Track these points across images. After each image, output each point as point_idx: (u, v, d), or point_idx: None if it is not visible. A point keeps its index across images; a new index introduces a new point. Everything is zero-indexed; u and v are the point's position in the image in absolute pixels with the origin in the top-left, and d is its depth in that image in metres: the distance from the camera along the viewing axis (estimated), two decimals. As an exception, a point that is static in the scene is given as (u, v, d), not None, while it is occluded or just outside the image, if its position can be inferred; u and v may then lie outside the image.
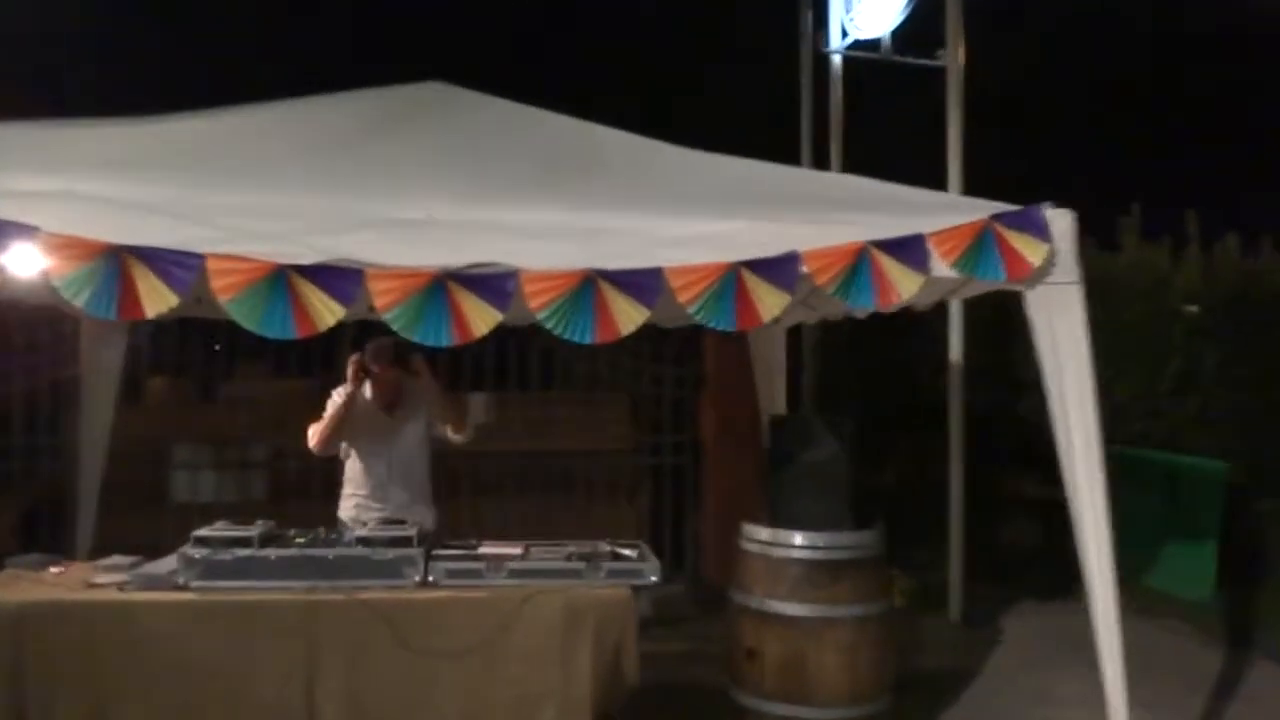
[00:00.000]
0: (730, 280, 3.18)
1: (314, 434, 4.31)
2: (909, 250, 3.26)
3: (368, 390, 4.40)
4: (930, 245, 3.29)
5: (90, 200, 2.94)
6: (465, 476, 6.31)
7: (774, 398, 6.28)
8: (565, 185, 3.51)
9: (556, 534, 6.89)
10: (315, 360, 6.35)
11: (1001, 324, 7.32)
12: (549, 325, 3.12)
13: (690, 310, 3.18)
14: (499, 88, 4.32)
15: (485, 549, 3.98)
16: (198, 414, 7.21)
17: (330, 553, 3.74)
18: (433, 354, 4.40)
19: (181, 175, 3.15)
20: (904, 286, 3.24)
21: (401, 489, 4.43)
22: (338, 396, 4.31)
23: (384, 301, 3.01)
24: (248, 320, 2.94)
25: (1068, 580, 8.02)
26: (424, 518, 4.38)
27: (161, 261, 2.89)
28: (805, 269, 3.24)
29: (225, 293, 2.93)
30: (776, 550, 4.24)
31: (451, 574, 3.80)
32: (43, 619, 3.48)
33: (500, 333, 6.43)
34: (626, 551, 4.13)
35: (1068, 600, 7.48)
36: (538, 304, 3.09)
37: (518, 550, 3.95)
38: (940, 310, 6.57)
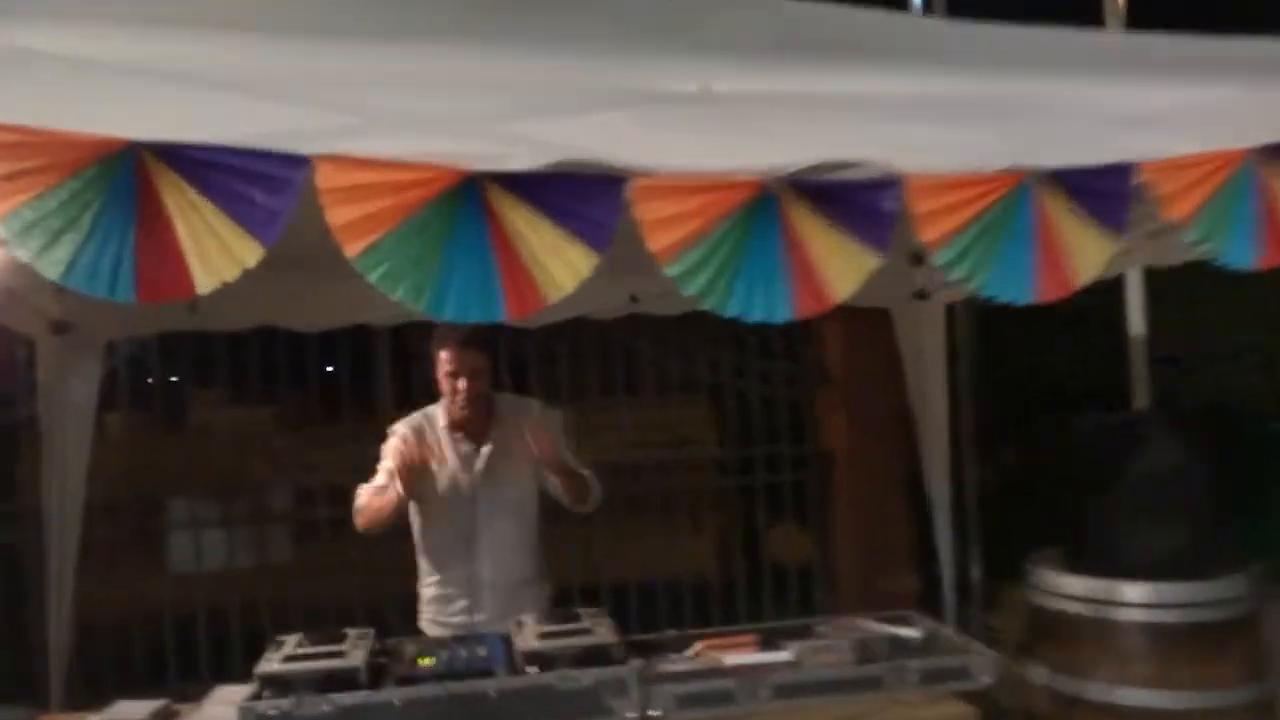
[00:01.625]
0: (1244, 182, 1.72)
1: (361, 510, 2.68)
2: None
3: (440, 413, 2.75)
4: None
5: (75, 64, 1.36)
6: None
7: (927, 394, 4.81)
8: (873, 55, 1.99)
9: (619, 565, 5.52)
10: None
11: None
12: (953, 274, 1.62)
13: (1189, 236, 1.71)
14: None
15: (725, 656, 2.47)
16: (176, 455, 5.46)
17: (492, 686, 2.20)
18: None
19: (258, 34, 1.53)
20: None
21: (501, 565, 2.71)
22: (397, 451, 2.62)
23: (666, 242, 1.49)
24: (409, 292, 1.38)
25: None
26: (538, 603, 2.74)
27: (225, 174, 1.34)
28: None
29: (357, 235, 1.39)
30: (1116, 611, 2.79)
31: (687, 702, 2.26)
32: None
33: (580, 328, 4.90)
34: (908, 632, 2.66)
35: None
36: (937, 233, 1.59)
37: (781, 654, 2.43)
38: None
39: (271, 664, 2.17)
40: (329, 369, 5.23)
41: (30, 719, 2.42)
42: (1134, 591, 2.78)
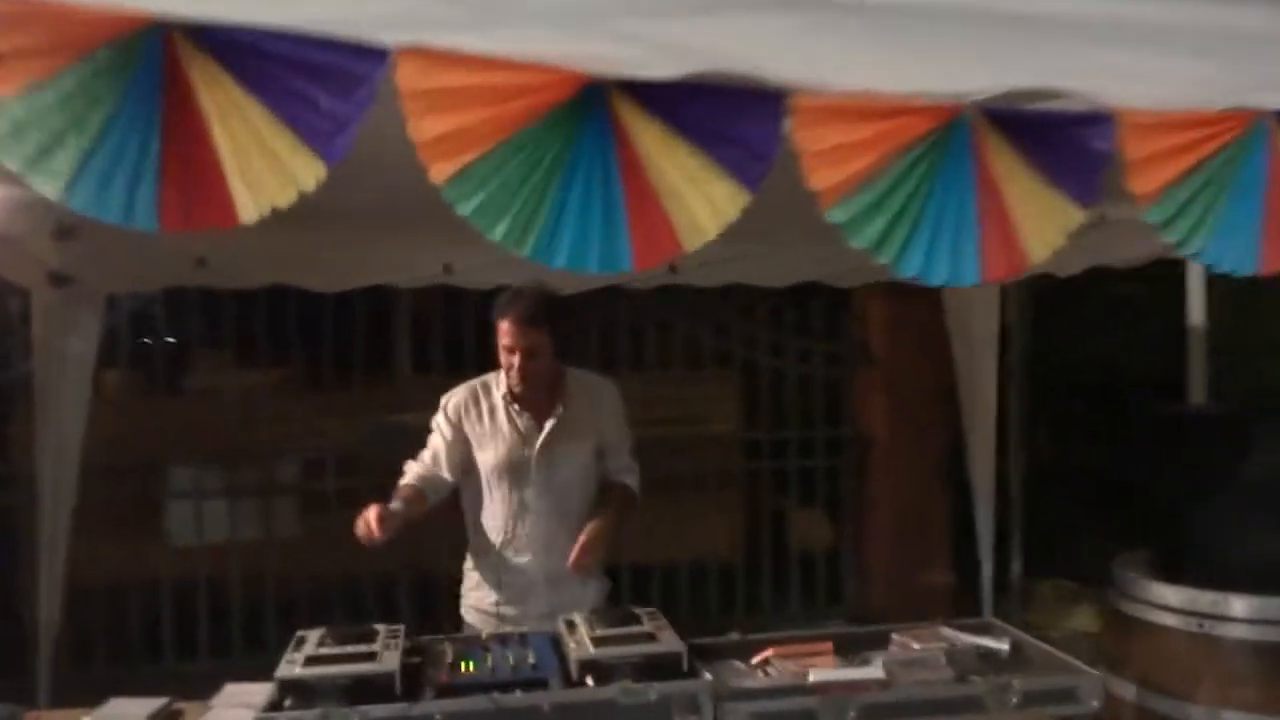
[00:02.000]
0: None
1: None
2: None
3: (499, 383, 2.46)
4: None
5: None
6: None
7: (975, 377, 4.52)
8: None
9: (641, 546, 5.18)
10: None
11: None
12: (1167, 235, 1.31)
13: None
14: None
15: (803, 668, 2.16)
16: (178, 418, 5.09)
17: (546, 699, 1.90)
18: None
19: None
20: None
21: (549, 551, 2.42)
22: (437, 441, 2.46)
23: (831, 180, 1.17)
24: (511, 231, 1.06)
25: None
26: (594, 598, 2.46)
27: (281, 66, 1.02)
28: None
29: (447, 155, 1.06)
30: (1219, 626, 2.50)
31: (765, 721, 1.98)
32: None
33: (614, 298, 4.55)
34: (992, 643, 2.36)
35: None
36: (1151, 185, 1.27)
37: (870, 670, 2.13)
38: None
39: (294, 667, 1.86)
40: (342, 331, 4.87)
41: (15, 716, 2.10)
42: (1241, 605, 2.49)
